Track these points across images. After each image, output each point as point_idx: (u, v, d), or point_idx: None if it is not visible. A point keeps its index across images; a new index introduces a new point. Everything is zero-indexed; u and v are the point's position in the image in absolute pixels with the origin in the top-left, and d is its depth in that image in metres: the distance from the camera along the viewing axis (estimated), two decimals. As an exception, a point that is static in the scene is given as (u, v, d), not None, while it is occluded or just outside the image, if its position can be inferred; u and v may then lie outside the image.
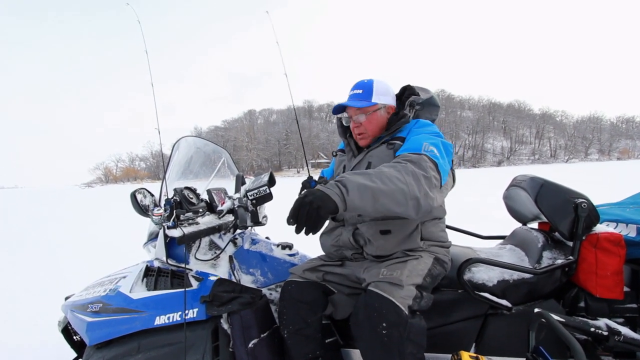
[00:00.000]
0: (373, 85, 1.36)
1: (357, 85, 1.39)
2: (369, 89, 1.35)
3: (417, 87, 1.45)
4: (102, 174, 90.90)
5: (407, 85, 1.45)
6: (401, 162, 1.09)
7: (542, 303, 1.25)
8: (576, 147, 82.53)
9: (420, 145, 1.16)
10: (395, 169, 1.05)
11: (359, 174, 1.04)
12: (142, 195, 1.43)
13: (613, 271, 1.18)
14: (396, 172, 1.03)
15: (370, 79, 1.39)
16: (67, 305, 1.50)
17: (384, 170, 1.04)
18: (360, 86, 1.37)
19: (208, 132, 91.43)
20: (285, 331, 1.28)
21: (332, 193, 0.97)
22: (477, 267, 1.33)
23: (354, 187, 0.98)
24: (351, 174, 1.04)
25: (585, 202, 1.22)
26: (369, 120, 1.35)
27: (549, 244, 1.35)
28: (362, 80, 1.40)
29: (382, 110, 1.36)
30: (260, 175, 1.53)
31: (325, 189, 0.98)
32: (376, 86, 1.36)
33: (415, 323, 1.06)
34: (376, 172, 1.03)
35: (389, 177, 1.02)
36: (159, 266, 1.41)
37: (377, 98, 1.35)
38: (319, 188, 0.99)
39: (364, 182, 0.99)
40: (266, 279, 1.51)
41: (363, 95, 1.35)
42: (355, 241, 1.32)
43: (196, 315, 1.28)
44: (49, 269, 4.20)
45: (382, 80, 1.39)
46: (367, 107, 1.34)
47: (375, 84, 1.36)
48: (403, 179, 1.02)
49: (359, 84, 1.39)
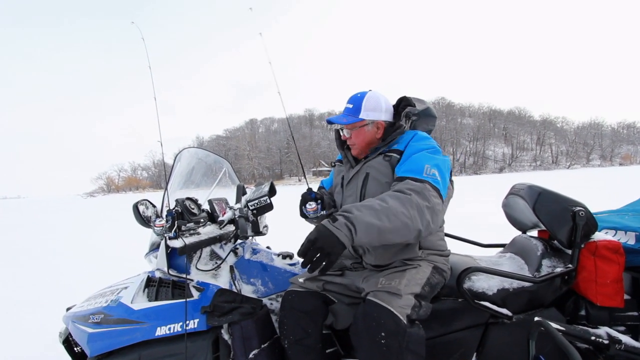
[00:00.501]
0: (363, 100, 1.36)
1: (351, 99, 1.40)
2: (358, 104, 1.36)
3: (413, 98, 1.47)
4: (105, 183, 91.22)
5: (403, 96, 1.47)
6: (405, 192, 1.10)
7: (542, 312, 1.25)
8: (578, 153, 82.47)
9: (422, 168, 1.16)
10: (400, 201, 1.07)
11: (367, 208, 1.06)
12: (144, 206, 1.44)
13: (613, 279, 1.18)
14: (402, 207, 1.06)
15: (364, 92, 1.40)
16: (69, 316, 1.50)
17: (390, 205, 1.06)
18: (352, 100, 1.39)
19: (210, 141, 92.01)
20: (286, 341, 1.28)
21: (341, 235, 1.01)
22: (477, 276, 1.33)
23: (362, 227, 1.03)
24: (359, 209, 1.06)
25: (582, 210, 1.23)
26: (355, 135, 1.37)
27: (549, 252, 1.36)
28: (355, 94, 1.41)
29: (369, 126, 1.36)
30: (261, 186, 1.54)
31: (334, 229, 1.02)
32: (366, 102, 1.35)
33: (414, 332, 1.06)
34: (383, 208, 1.06)
35: (395, 213, 1.05)
36: (161, 277, 1.42)
37: (365, 114, 1.35)
38: (328, 227, 1.03)
39: (372, 222, 1.03)
40: (267, 288, 1.51)
41: (352, 110, 1.36)
42: (354, 250, 1.33)
43: (197, 325, 1.28)
44: (50, 279, 4.20)
45: (375, 95, 1.39)
46: (353, 123, 1.35)
47: (365, 99, 1.36)
48: (408, 214, 1.06)
49: (353, 97, 1.40)
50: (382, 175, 1.30)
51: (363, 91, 1.41)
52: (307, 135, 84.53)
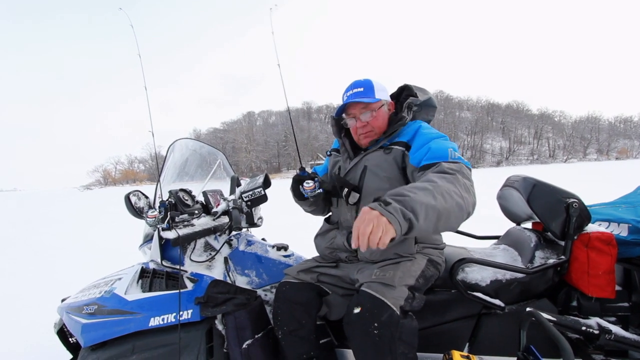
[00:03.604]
0: (372, 82, 1.32)
1: (356, 84, 1.33)
2: (370, 86, 1.31)
3: (415, 87, 1.42)
4: (101, 176, 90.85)
5: (405, 85, 1.42)
6: (448, 171, 1.03)
7: (535, 302, 1.26)
8: (575, 147, 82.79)
9: (447, 152, 1.12)
10: (448, 180, 0.99)
11: (421, 189, 0.93)
12: (137, 197, 1.43)
13: (605, 270, 1.18)
14: (452, 186, 0.98)
15: (366, 78, 1.35)
16: (63, 307, 1.50)
17: (440, 184, 0.96)
18: (359, 84, 1.32)
19: (207, 134, 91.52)
20: (280, 332, 1.29)
21: (395, 222, 0.85)
22: (471, 267, 1.33)
23: (423, 210, 0.88)
24: (411, 191, 0.92)
25: (576, 201, 1.23)
26: (376, 117, 1.30)
27: (542, 244, 1.36)
28: (358, 80, 1.35)
29: (385, 106, 1.33)
30: (255, 177, 1.53)
31: (389, 215, 0.85)
32: (376, 83, 1.33)
33: (407, 323, 1.07)
34: (434, 186, 0.94)
35: (448, 191, 0.95)
36: (154, 268, 1.42)
37: (380, 94, 1.31)
38: (380, 212, 0.85)
39: (430, 203, 0.90)
40: (261, 280, 1.51)
41: (365, 92, 1.30)
42: (349, 244, 1.32)
43: (191, 316, 1.28)
44: (44, 271, 4.20)
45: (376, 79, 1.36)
46: (373, 102, 1.29)
47: (374, 81, 1.33)
48: (459, 192, 0.97)
49: (357, 82, 1.34)
50: (381, 169, 1.27)
51: (364, 78, 1.36)
52: (305, 128, 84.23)
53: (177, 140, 1.65)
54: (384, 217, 0.85)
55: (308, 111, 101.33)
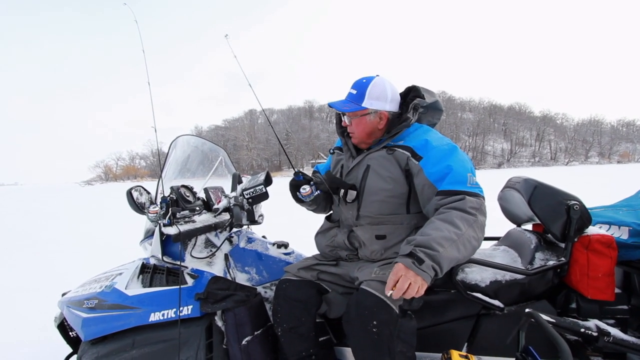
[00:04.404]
0: (368, 87, 1.27)
1: (355, 84, 1.32)
2: (362, 91, 1.28)
3: (422, 88, 1.39)
4: (102, 172, 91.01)
5: (413, 86, 1.38)
6: (470, 212, 1.09)
7: (534, 304, 1.26)
8: (576, 150, 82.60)
9: (465, 178, 1.15)
10: (469, 225, 1.08)
11: (447, 240, 1.03)
12: (138, 192, 1.44)
13: (604, 273, 1.18)
14: (473, 232, 1.08)
15: (370, 78, 1.31)
16: (64, 301, 1.51)
17: (463, 232, 1.06)
18: (357, 86, 1.30)
19: (209, 131, 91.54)
20: (279, 329, 1.29)
21: (427, 277, 1.00)
22: (470, 268, 1.33)
23: (446, 263, 1.03)
24: (441, 244, 1.02)
25: (577, 204, 1.23)
26: (355, 124, 1.30)
27: (542, 246, 1.36)
28: (361, 79, 1.32)
29: (371, 115, 1.28)
30: (257, 174, 1.53)
31: (421, 272, 0.99)
32: (371, 89, 1.27)
33: (406, 322, 1.07)
34: (459, 236, 1.05)
35: (469, 239, 1.07)
36: (155, 263, 1.42)
37: (369, 103, 1.27)
38: (415, 272, 0.99)
39: (455, 256, 1.04)
40: (261, 277, 1.52)
41: (355, 96, 1.29)
42: (350, 243, 1.32)
43: (190, 312, 1.29)
44: (45, 265, 4.21)
45: (381, 82, 1.30)
46: (355, 111, 1.28)
47: (370, 87, 1.27)
48: (477, 237, 1.09)
49: (358, 82, 1.31)
50: (383, 169, 1.26)
51: (370, 76, 1.32)
52: (306, 127, 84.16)
53: (180, 137, 1.65)
54: (419, 276, 0.99)
55: (310, 110, 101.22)
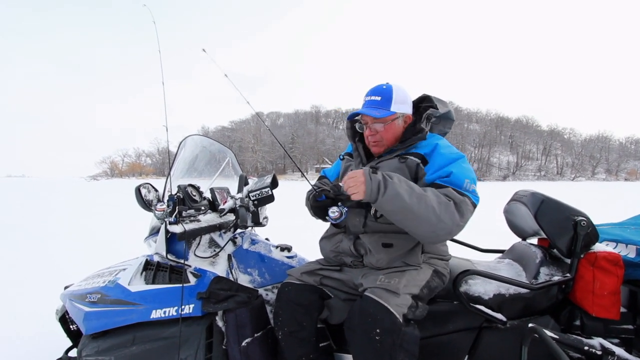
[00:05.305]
0: (392, 92, 1.29)
1: (375, 91, 1.31)
2: (388, 96, 1.28)
3: (435, 98, 1.40)
4: (108, 167, 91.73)
5: (426, 95, 1.40)
6: (447, 197, 1.10)
7: (537, 319, 1.25)
8: (583, 166, 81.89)
9: (462, 182, 1.15)
10: (439, 200, 1.07)
11: (406, 184, 1.08)
12: (147, 190, 1.45)
13: (610, 291, 1.17)
14: (437, 204, 1.06)
15: (389, 84, 1.32)
16: (66, 294, 1.52)
17: (428, 195, 1.07)
18: (378, 92, 1.30)
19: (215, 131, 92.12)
20: (280, 332, 1.29)
21: (369, 186, 1.05)
22: (474, 280, 1.33)
23: (392, 193, 1.05)
24: (400, 180, 1.09)
25: (585, 220, 1.22)
26: (386, 130, 1.30)
27: (547, 261, 1.35)
28: (380, 86, 1.32)
29: (399, 119, 1.31)
30: (263, 177, 1.54)
31: (368, 179, 1.06)
32: (395, 94, 1.29)
33: (409, 332, 1.06)
34: (420, 193, 1.07)
35: (427, 203, 1.05)
36: (159, 261, 1.43)
37: (396, 107, 1.28)
38: (366, 174, 1.07)
39: (402, 194, 1.05)
40: (263, 279, 1.52)
41: (381, 102, 1.28)
42: (356, 250, 1.31)
43: (192, 311, 1.29)
44: (47, 260, 4.23)
45: (400, 87, 1.32)
46: (386, 117, 1.27)
47: (394, 91, 1.29)
48: (438, 213, 1.06)
49: (377, 89, 1.31)
50: None
51: (383, 83, 1.34)
52: (312, 131, 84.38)
53: (189, 136, 1.67)
54: (365, 184, 1.06)
55: (316, 115, 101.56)
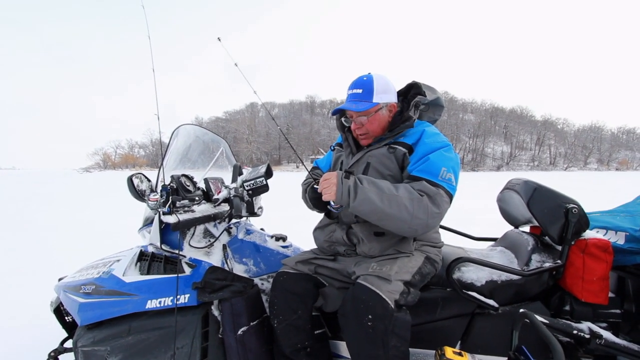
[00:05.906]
0: (373, 83, 1.28)
1: (356, 84, 1.30)
2: (369, 88, 1.28)
3: (423, 84, 1.39)
4: (101, 159, 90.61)
5: (414, 82, 1.39)
6: (419, 192, 1.11)
7: (528, 304, 1.27)
8: (576, 156, 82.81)
9: (439, 171, 1.14)
10: (410, 196, 1.10)
11: (376, 186, 1.12)
12: (139, 180, 1.44)
13: (599, 277, 1.20)
14: (409, 202, 1.09)
15: (369, 75, 1.31)
16: (60, 285, 1.51)
17: (399, 194, 1.10)
18: (359, 85, 1.29)
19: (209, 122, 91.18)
20: (275, 321, 1.30)
21: (340, 191, 1.12)
22: (467, 267, 1.34)
23: (361, 198, 1.10)
24: (370, 183, 1.13)
25: (576, 207, 1.24)
26: (370, 121, 1.30)
27: (539, 248, 1.37)
28: (360, 78, 1.31)
29: (384, 109, 1.30)
30: (258, 167, 1.53)
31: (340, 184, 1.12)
32: (376, 84, 1.28)
33: (401, 317, 1.08)
34: (390, 193, 1.10)
35: (399, 203, 1.09)
36: (153, 251, 1.42)
37: (378, 97, 1.28)
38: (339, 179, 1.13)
39: (372, 199, 1.09)
40: (258, 269, 1.52)
41: (363, 95, 1.28)
42: (349, 239, 1.32)
43: (187, 300, 1.29)
44: (41, 251, 4.20)
45: (381, 76, 1.31)
46: (369, 109, 1.27)
47: (375, 81, 1.28)
48: (411, 211, 1.09)
49: (358, 81, 1.31)
50: (384, 167, 1.27)
51: (365, 74, 1.33)
52: (307, 122, 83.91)
53: (181, 126, 1.65)
54: (336, 186, 1.13)
55: (311, 105, 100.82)
